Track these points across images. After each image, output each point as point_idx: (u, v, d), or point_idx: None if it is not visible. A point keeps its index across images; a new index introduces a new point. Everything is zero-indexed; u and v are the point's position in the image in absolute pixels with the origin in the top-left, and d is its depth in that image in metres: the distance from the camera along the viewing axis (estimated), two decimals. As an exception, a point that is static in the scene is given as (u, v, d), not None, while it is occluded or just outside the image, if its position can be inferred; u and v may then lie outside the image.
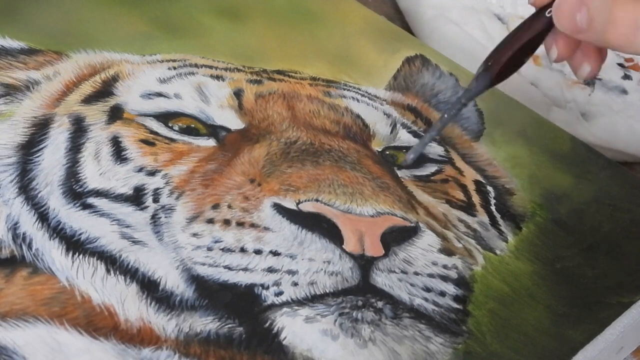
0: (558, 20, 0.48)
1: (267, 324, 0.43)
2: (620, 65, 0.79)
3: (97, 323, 0.42)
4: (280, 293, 0.44)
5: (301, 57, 0.62)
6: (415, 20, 0.79)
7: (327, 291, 0.45)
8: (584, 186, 0.57)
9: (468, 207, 0.54)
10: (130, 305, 0.43)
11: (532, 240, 0.53)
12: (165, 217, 0.47)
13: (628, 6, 0.45)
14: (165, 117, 0.53)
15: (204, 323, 0.43)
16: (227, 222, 0.47)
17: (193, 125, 0.53)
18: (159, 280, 0.45)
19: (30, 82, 0.54)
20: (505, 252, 0.52)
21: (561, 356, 0.46)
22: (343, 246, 0.46)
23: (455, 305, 0.47)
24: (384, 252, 0.47)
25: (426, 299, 0.46)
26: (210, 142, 0.52)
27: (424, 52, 0.66)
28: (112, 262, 0.45)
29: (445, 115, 0.53)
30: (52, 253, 0.45)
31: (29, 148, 0.50)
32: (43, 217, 0.46)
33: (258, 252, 0.46)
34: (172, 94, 0.55)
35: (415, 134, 0.58)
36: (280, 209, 0.47)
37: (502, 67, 0.51)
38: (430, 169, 0.56)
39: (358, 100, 0.59)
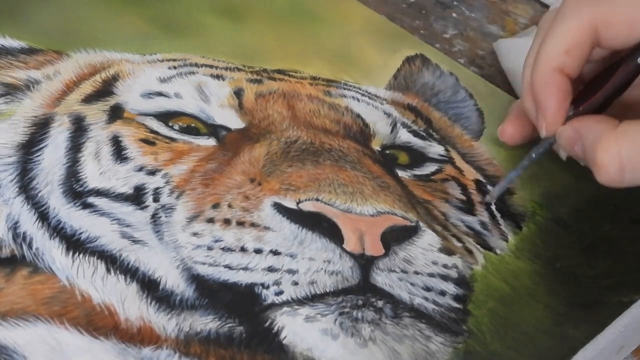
0: (561, 145, 0.47)
1: (268, 323, 0.43)
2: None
3: (98, 322, 0.42)
4: (280, 292, 0.44)
5: (301, 57, 0.62)
6: (518, 82, 0.70)
7: (328, 290, 0.45)
8: (584, 186, 0.57)
9: (468, 207, 0.54)
10: (130, 305, 0.43)
11: (532, 240, 0.53)
12: (166, 216, 0.47)
13: (611, 150, 0.43)
14: (165, 117, 0.53)
15: (204, 322, 0.43)
16: (227, 222, 0.47)
17: (193, 125, 0.53)
18: (159, 279, 0.45)
19: (31, 81, 0.54)
20: (506, 251, 0.52)
21: (561, 355, 0.46)
22: (343, 245, 0.46)
23: (456, 305, 0.47)
24: (384, 251, 0.47)
25: (426, 298, 0.46)
26: (211, 142, 0.52)
27: (424, 51, 0.66)
28: (112, 261, 0.45)
29: (533, 155, 0.50)
30: (53, 252, 0.45)
31: (29, 147, 0.50)
32: (43, 216, 0.46)
33: (258, 251, 0.46)
34: (173, 94, 0.55)
35: (415, 133, 0.58)
36: (280, 208, 0.47)
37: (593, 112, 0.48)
38: (431, 168, 0.56)
39: (358, 100, 0.59)
